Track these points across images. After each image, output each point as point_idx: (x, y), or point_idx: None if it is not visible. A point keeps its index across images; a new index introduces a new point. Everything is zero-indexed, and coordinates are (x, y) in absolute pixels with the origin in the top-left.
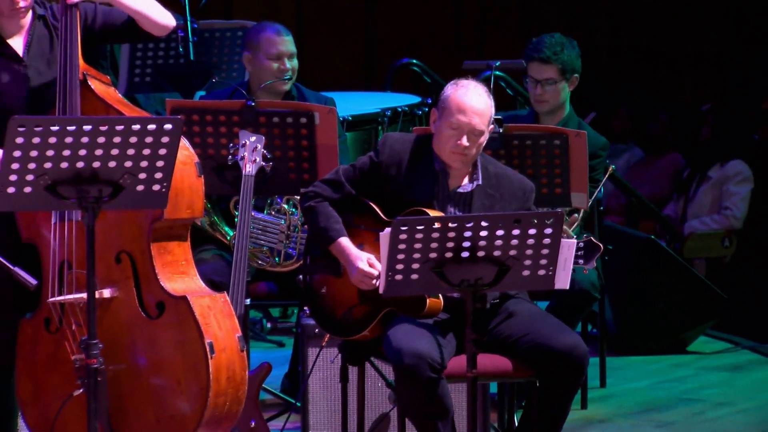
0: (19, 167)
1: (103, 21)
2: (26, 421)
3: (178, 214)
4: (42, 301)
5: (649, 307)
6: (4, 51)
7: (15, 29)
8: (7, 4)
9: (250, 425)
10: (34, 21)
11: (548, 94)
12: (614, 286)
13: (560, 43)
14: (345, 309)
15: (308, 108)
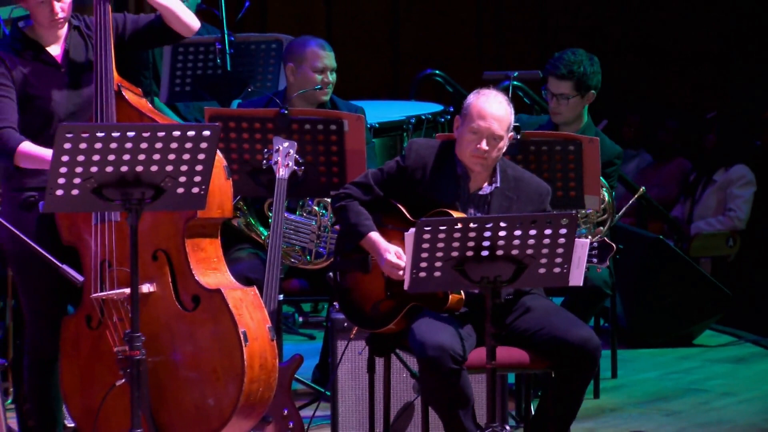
0: (67, 171)
1: (133, 27)
2: (70, 411)
3: (210, 213)
4: (83, 299)
5: (658, 302)
6: (44, 59)
7: (53, 39)
8: (47, 16)
9: (282, 413)
10: (70, 31)
11: (562, 107)
12: (625, 283)
13: (579, 61)
14: (372, 304)
15: (338, 116)
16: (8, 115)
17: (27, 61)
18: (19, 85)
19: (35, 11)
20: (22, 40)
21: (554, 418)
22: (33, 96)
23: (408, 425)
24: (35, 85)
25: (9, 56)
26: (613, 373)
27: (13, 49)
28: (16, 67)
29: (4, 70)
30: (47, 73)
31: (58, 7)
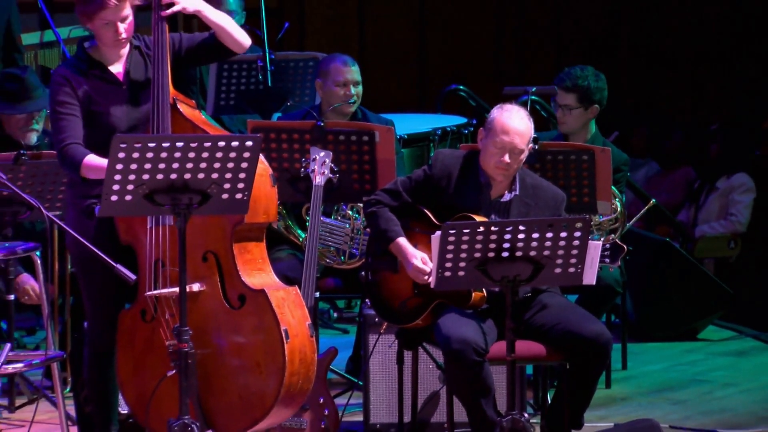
0: (121, 178)
1: (188, 44)
2: (125, 398)
3: (256, 218)
4: (139, 295)
5: (665, 300)
6: (106, 76)
7: (115, 57)
8: (111, 36)
9: (318, 401)
10: (131, 50)
11: (567, 117)
12: (634, 281)
13: (584, 76)
14: (401, 301)
15: (369, 127)
16: (74, 131)
17: (91, 80)
18: (83, 102)
19: (100, 32)
20: (87, 60)
21: (569, 406)
22: (96, 112)
23: (434, 413)
24: (98, 101)
25: (74, 76)
26: (624, 365)
27: (78, 69)
28: (81, 86)
29: (69, 90)
30: (110, 91)
31: (122, 28)
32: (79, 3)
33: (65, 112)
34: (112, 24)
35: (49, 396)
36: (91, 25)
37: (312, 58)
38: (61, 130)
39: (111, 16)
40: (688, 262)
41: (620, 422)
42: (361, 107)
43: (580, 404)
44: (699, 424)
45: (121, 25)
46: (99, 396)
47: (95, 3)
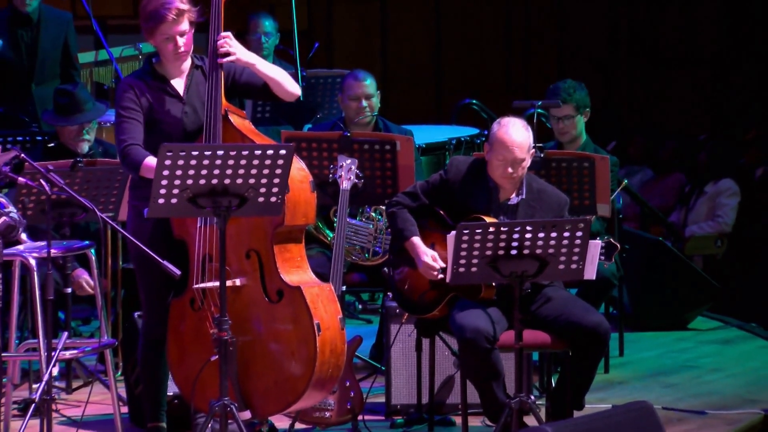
0: (167, 183)
1: (247, 80)
2: (174, 379)
3: (296, 221)
4: (188, 286)
5: (658, 293)
6: (167, 89)
7: (176, 72)
8: (171, 51)
9: (345, 384)
10: (193, 69)
11: (567, 126)
12: (630, 276)
13: (572, 86)
14: (419, 294)
15: (391, 137)
16: (135, 134)
17: (153, 91)
18: (145, 110)
19: (161, 47)
20: (151, 73)
21: (571, 389)
22: (157, 120)
23: (449, 395)
24: (159, 111)
25: (139, 85)
26: (621, 352)
27: (143, 80)
28: (144, 94)
29: (133, 96)
30: (169, 102)
31: (180, 42)
32: (142, 20)
33: (128, 116)
34: (171, 38)
35: (102, 379)
36: (153, 40)
37: (339, 75)
38: (123, 131)
39: (170, 31)
40: (679, 259)
41: (617, 404)
42: (383, 119)
43: (582, 388)
44: (689, 406)
45: (179, 39)
46: (151, 378)
47: (156, 18)
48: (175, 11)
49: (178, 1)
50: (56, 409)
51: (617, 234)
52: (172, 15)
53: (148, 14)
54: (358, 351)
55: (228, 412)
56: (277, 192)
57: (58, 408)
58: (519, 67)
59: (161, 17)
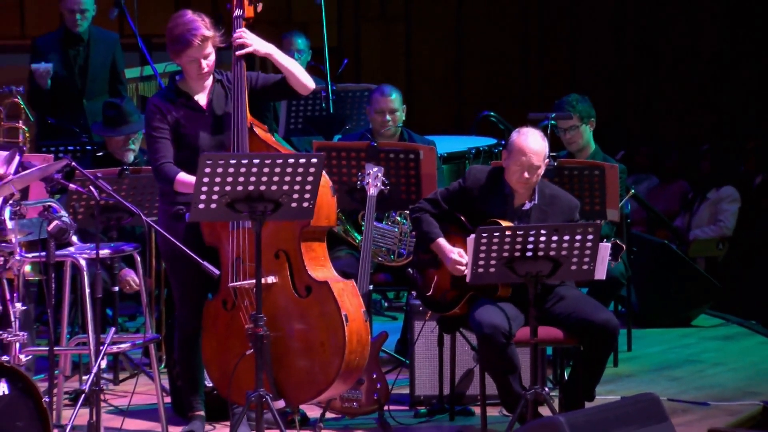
0: (207, 189)
1: (263, 83)
2: (209, 374)
3: (319, 222)
4: (221, 287)
5: (663, 292)
6: (192, 105)
7: (200, 89)
8: (195, 69)
9: (372, 376)
10: (214, 83)
11: (574, 136)
12: (638, 277)
13: (575, 99)
14: (441, 293)
15: (415, 147)
16: (166, 152)
17: (179, 108)
18: (172, 126)
19: (186, 67)
20: (176, 90)
21: (583, 382)
22: (183, 134)
23: (469, 386)
24: (185, 126)
25: (164, 104)
26: (629, 347)
27: (168, 98)
28: (170, 112)
29: (160, 117)
30: (195, 117)
31: (204, 64)
32: (169, 43)
33: (158, 135)
34: (196, 60)
35: (147, 372)
36: (179, 61)
37: (366, 89)
38: (155, 151)
39: (195, 54)
40: (683, 261)
41: (626, 396)
42: (407, 130)
43: (592, 380)
44: (693, 398)
45: (203, 62)
46: (187, 372)
47: (182, 43)
48: (201, 37)
49: (204, 27)
50: (104, 399)
51: (625, 237)
52: (197, 41)
53: (175, 37)
54: (384, 346)
55: (263, 403)
56: (309, 197)
57: (105, 398)
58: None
59: (187, 42)
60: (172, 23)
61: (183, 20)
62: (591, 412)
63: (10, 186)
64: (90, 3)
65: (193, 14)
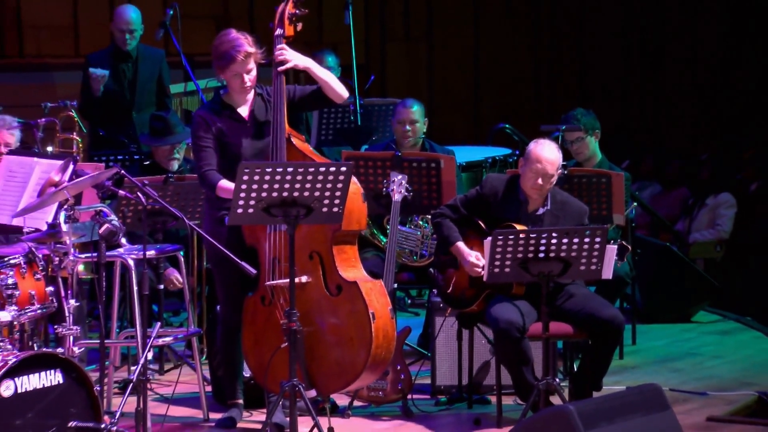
0: (245, 195)
1: (300, 94)
2: (248, 366)
3: (351, 227)
4: (259, 285)
5: (665, 291)
6: (235, 116)
7: (242, 102)
8: (239, 84)
9: (396, 368)
10: (255, 97)
11: (580, 147)
12: (642, 276)
13: (580, 113)
14: (460, 291)
15: (436, 157)
16: (210, 160)
17: (223, 119)
18: (216, 136)
19: (230, 81)
20: (220, 103)
21: (591, 373)
22: (227, 144)
23: (485, 377)
24: (228, 135)
25: (209, 116)
26: (633, 341)
27: (213, 110)
28: (215, 124)
29: (206, 127)
30: (237, 128)
31: (247, 78)
32: (215, 58)
33: (203, 144)
34: (239, 75)
35: (190, 363)
36: (223, 75)
37: (391, 103)
38: (200, 158)
39: (239, 69)
40: (684, 262)
41: (631, 386)
42: (429, 140)
43: (600, 371)
44: (693, 388)
45: (246, 77)
46: (228, 363)
47: (227, 59)
48: (244, 54)
49: (246, 44)
50: (150, 387)
51: (630, 240)
52: (241, 57)
53: (220, 54)
54: (407, 340)
55: (296, 392)
56: (338, 203)
57: (152, 387)
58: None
59: (231, 58)
60: (218, 41)
61: (228, 38)
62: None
63: (64, 192)
64: (138, 23)
65: (237, 33)
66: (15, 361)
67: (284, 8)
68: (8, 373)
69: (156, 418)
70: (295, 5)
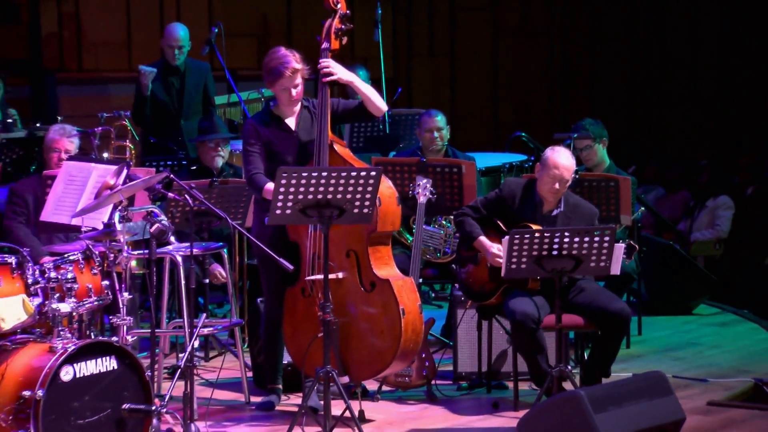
0: (283, 198)
1: (344, 108)
2: (288, 352)
3: (385, 228)
4: (300, 279)
5: (668, 286)
6: (282, 127)
7: (290, 113)
8: (286, 98)
9: (421, 356)
10: (302, 109)
11: (589, 154)
12: (647, 272)
13: (589, 122)
14: (480, 285)
15: (458, 162)
16: (258, 164)
17: (271, 129)
18: (265, 144)
19: (279, 94)
20: (269, 114)
21: (600, 361)
22: (274, 152)
23: (503, 365)
24: (276, 144)
25: (259, 126)
26: (639, 331)
27: (263, 120)
28: (264, 132)
29: (255, 135)
30: (284, 137)
31: (294, 92)
32: (265, 74)
33: (252, 150)
34: (287, 89)
35: (232, 350)
36: (272, 89)
37: (417, 113)
38: (249, 162)
39: (287, 84)
40: (686, 259)
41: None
42: (451, 147)
43: (608, 360)
44: (693, 375)
45: (293, 90)
46: (270, 351)
47: (276, 74)
48: (291, 69)
49: (294, 61)
50: (197, 373)
51: (636, 239)
52: (288, 72)
53: (270, 69)
54: (431, 330)
55: (330, 377)
56: (368, 205)
57: (198, 372)
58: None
59: (280, 74)
60: (268, 57)
61: (277, 55)
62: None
63: (119, 195)
64: (186, 40)
65: (286, 50)
66: (74, 348)
67: (331, 23)
68: (67, 359)
69: (202, 401)
70: (341, 21)
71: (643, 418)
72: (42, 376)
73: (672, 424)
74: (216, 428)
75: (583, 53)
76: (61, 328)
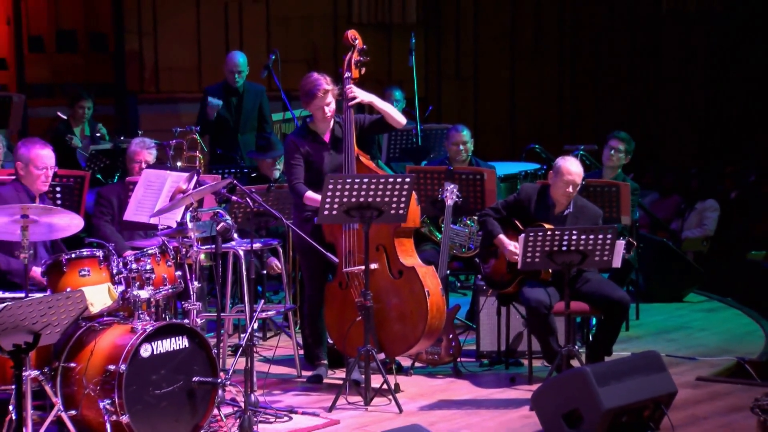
0: (330, 200)
1: (369, 122)
2: (330, 335)
3: (408, 224)
4: (337, 272)
5: (662, 277)
6: (318, 140)
7: (324, 128)
8: (321, 115)
9: (448, 337)
10: (334, 124)
11: (616, 160)
12: (644, 265)
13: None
14: (499, 276)
15: (480, 170)
16: (299, 174)
17: (308, 142)
18: (304, 156)
19: (314, 113)
20: (306, 129)
21: (603, 342)
22: (311, 162)
23: (519, 344)
24: (313, 155)
25: (299, 140)
26: (637, 316)
27: (302, 135)
28: (303, 146)
29: (295, 149)
30: (320, 149)
31: (327, 110)
32: (302, 95)
33: (294, 162)
34: (321, 108)
35: (286, 332)
36: (308, 108)
37: (445, 128)
38: (291, 173)
39: (320, 103)
40: (677, 254)
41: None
42: (475, 157)
43: (610, 340)
44: (684, 354)
45: (326, 108)
46: (314, 333)
47: (310, 95)
48: (323, 91)
49: (325, 83)
50: (256, 351)
51: (635, 236)
52: (320, 93)
53: (305, 92)
54: (457, 315)
55: (369, 355)
56: (403, 206)
57: (257, 350)
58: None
59: (313, 95)
60: (303, 81)
61: (311, 79)
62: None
63: (190, 198)
64: (245, 66)
65: (318, 74)
66: (151, 329)
67: (351, 56)
68: (146, 338)
69: (260, 375)
70: (359, 54)
71: (640, 391)
72: (124, 353)
73: (665, 396)
74: (272, 397)
75: (590, 75)
76: (140, 312)
